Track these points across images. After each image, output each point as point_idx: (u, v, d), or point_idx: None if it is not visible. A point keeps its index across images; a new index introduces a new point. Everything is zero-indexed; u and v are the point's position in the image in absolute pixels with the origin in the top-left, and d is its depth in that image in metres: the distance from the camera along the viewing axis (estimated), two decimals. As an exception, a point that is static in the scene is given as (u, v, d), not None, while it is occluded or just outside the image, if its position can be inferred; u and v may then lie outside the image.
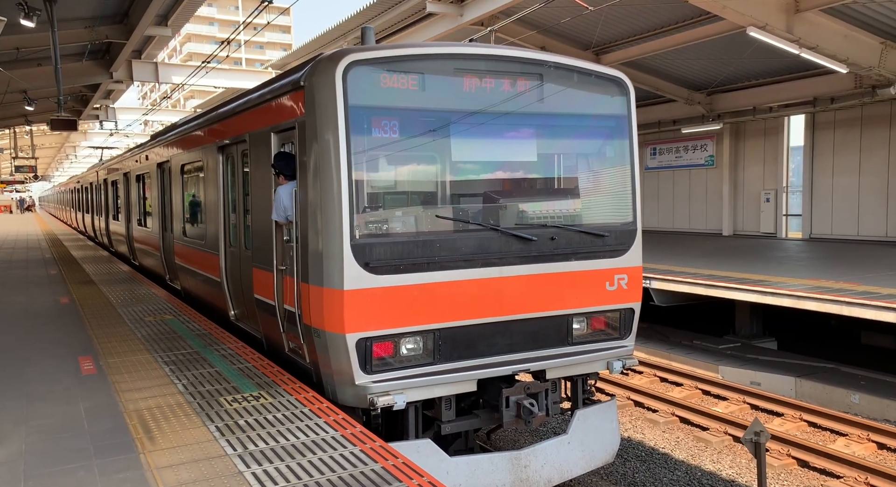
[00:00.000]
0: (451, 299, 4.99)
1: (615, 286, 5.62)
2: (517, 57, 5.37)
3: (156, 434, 4.21)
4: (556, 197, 5.79)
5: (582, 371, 5.61)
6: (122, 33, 12.62)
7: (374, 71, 4.83)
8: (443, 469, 4.96)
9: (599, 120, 5.79)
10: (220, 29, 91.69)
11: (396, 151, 5.07)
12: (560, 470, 5.42)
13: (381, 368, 4.87)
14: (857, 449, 7.42)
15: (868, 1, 10.70)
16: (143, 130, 37.39)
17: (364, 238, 4.76)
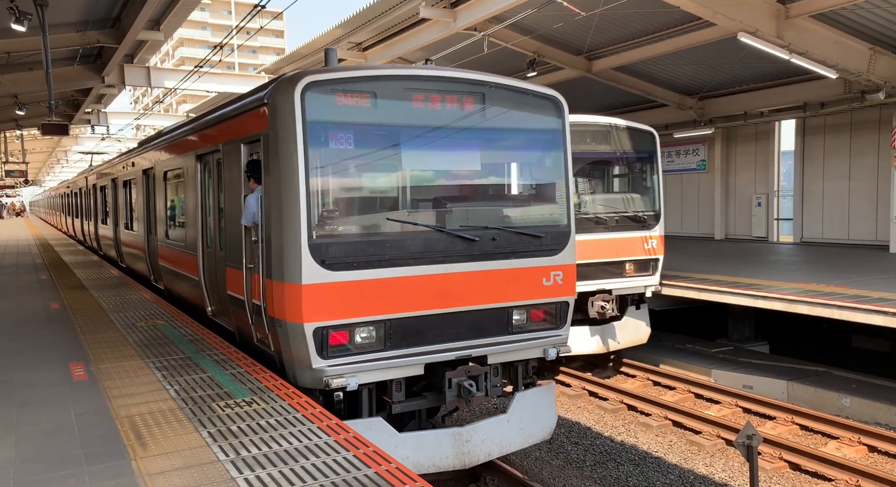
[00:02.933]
0: (400, 292, 5.60)
1: (551, 282, 6.32)
2: (460, 78, 6.02)
3: (147, 440, 4.18)
4: (498, 202, 6.48)
5: (521, 357, 6.27)
6: (114, 37, 12.58)
7: (330, 90, 5.44)
8: (392, 443, 5.56)
9: (537, 134, 6.49)
10: (213, 33, 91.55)
11: (351, 161, 5.67)
12: (499, 445, 6.12)
13: (337, 354, 5.44)
14: (848, 452, 7.46)
15: (857, 7, 10.82)
16: (135, 134, 37.23)
17: (320, 238, 5.36)
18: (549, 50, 15.15)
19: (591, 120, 10.12)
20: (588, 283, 9.64)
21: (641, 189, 10.65)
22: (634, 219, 10.22)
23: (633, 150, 10.43)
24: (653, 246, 10.30)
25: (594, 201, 10.21)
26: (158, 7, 10.88)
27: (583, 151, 9.94)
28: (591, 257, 9.67)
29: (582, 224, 9.15)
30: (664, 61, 15.07)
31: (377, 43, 15.60)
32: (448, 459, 5.84)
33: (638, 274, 10.17)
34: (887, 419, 8.29)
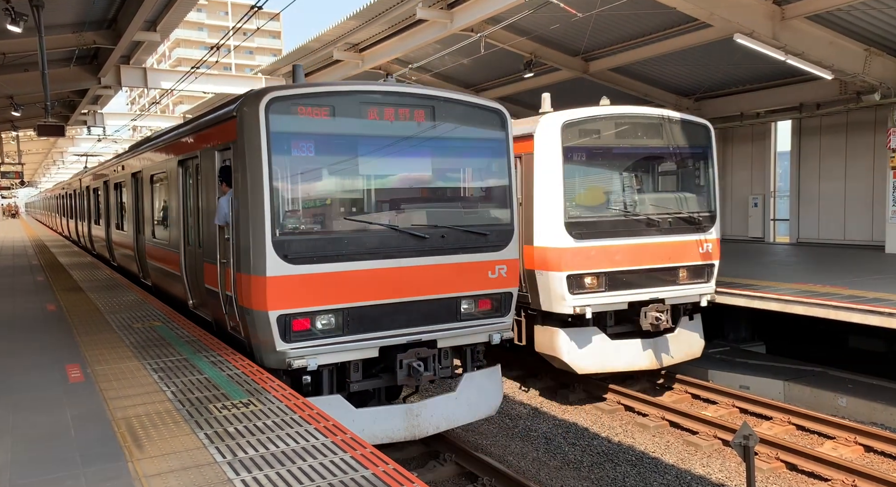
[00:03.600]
0: (357, 284, 6.23)
1: (496, 275, 7.02)
2: (411, 93, 6.74)
3: (144, 442, 4.17)
4: (447, 203, 7.13)
5: (468, 342, 7.02)
6: (110, 38, 12.55)
7: (292, 104, 6.10)
8: (350, 418, 6.19)
9: (483, 142, 7.16)
10: (210, 34, 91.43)
11: (311, 167, 6.32)
12: (447, 419, 6.91)
13: (299, 338, 6.07)
14: (844, 452, 7.48)
15: (852, 9, 10.86)
16: (132, 135, 37.15)
17: (283, 236, 5.99)
18: (545, 51, 15.17)
19: (641, 111, 9.41)
20: (639, 291, 8.99)
21: (695, 188, 9.79)
22: (689, 220, 9.41)
23: (686, 144, 9.59)
24: (708, 250, 9.49)
25: (645, 200, 9.41)
26: (155, 8, 10.85)
27: (633, 146, 9.31)
28: (643, 263, 8.99)
29: (632, 226, 8.95)
30: (661, 62, 15.11)
31: (374, 44, 15.60)
32: (400, 431, 6.62)
33: (692, 281, 9.37)
34: (883, 419, 8.31)
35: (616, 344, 9.02)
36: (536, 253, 8.78)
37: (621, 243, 8.82)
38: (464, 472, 7.01)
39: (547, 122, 8.82)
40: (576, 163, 8.87)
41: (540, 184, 8.69)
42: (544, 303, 8.82)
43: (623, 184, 9.35)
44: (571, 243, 8.60)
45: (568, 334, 8.87)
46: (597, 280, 8.69)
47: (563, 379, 10.09)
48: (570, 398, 9.63)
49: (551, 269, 8.61)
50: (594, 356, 8.95)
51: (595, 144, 9.05)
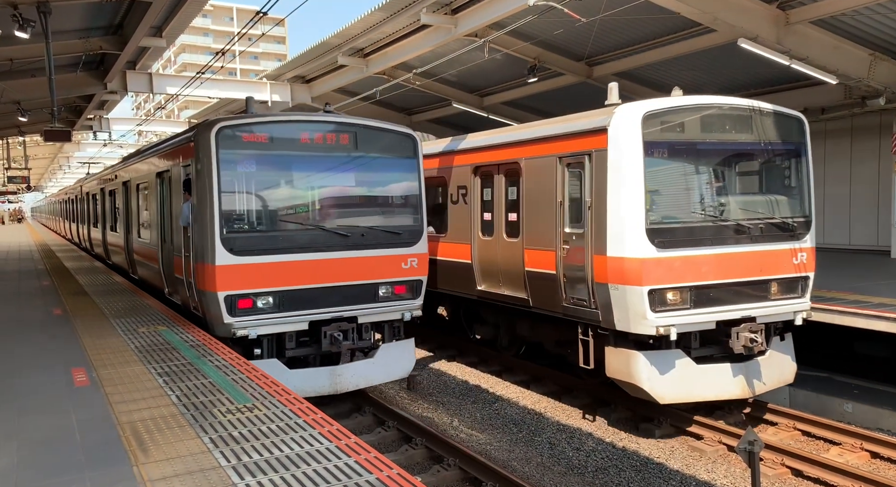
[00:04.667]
0: (291, 272, 7.97)
1: (408, 266, 8.81)
2: (336, 121, 8.63)
3: (149, 445, 4.18)
4: (367, 208, 8.84)
5: (385, 318, 8.76)
6: (117, 44, 12.63)
7: (237, 132, 7.88)
8: (285, 377, 7.83)
9: (396, 160, 8.97)
10: (215, 40, 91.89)
11: (253, 180, 7.99)
12: (366, 379, 8.61)
13: (242, 314, 7.78)
14: (850, 458, 7.44)
15: (857, 13, 10.85)
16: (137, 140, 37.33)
17: (229, 234, 7.79)
18: (549, 56, 15.19)
19: (730, 102, 8.25)
20: (729, 309, 7.85)
21: (788, 189, 8.63)
22: (782, 227, 8.28)
23: (779, 139, 8.48)
24: (803, 260, 8.32)
25: (734, 203, 8.19)
26: (161, 14, 10.92)
27: (721, 141, 8.13)
28: (732, 276, 7.84)
29: (720, 233, 7.85)
30: (665, 67, 15.10)
31: (378, 49, 15.65)
32: (325, 387, 8.26)
33: (785, 296, 8.24)
34: (890, 425, 8.26)
35: (702, 369, 7.93)
36: (610, 264, 7.70)
37: (709, 252, 7.74)
38: (468, 477, 7.00)
39: (625, 113, 7.72)
40: (658, 160, 7.73)
41: (615, 185, 7.63)
42: (620, 322, 7.73)
43: (710, 185, 8.20)
44: (654, 252, 7.49)
45: (648, 357, 7.75)
46: (680, 296, 7.62)
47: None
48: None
49: (629, 283, 7.52)
50: (678, 383, 7.82)
51: (679, 139, 7.89)
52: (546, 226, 8.84)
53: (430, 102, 20.66)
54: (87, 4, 10.14)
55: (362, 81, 17.27)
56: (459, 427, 8.85)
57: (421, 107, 21.54)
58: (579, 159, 8.29)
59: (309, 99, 19.48)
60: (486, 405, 9.68)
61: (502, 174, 9.96)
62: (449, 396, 10.20)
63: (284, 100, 19.05)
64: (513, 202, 9.73)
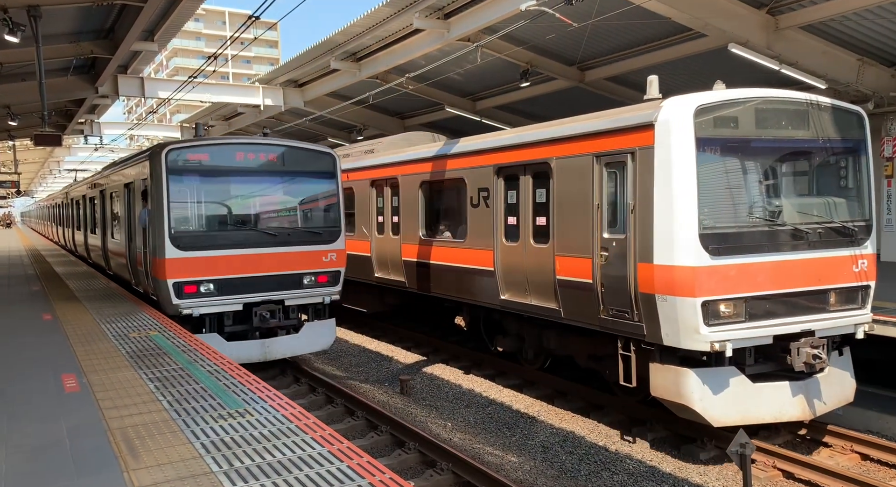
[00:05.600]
0: (228, 264, 9.90)
1: (328, 259, 10.72)
2: (267, 143, 10.64)
3: (140, 451, 4.16)
4: (292, 212, 10.74)
5: (309, 302, 10.64)
6: (108, 48, 12.59)
7: (183, 152, 9.92)
8: (224, 348, 9.62)
9: (318, 174, 10.92)
10: (208, 44, 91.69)
11: (196, 190, 9.92)
12: (291, 350, 10.57)
13: (188, 297, 9.67)
14: (841, 460, 7.48)
15: (845, 19, 10.96)
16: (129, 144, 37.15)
17: (177, 233, 9.68)
18: (542, 61, 15.26)
19: (786, 95, 7.61)
20: (787, 321, 7.20)
21: (846, 191, 7.97)
22: (842, 232, 7.63)
23: (838, 136, 7.82)
24: (863, 268, 7.68)
25: (791, 206, 7.54)
26: (152, 18, 10.90)
27: (777, 138, 7.46)
28: (789, 285, 7.20)
29: (777, 239, 7.23)
30: (656, 72, 15.14)
31: (371, 53, 15.67)
32: (256, 355, 10.15)
33: (844, 307, 7.60)
34: (879, 427, 8.31)
35: (758, 388, 7.24)
36: (658, 273, 7.05)
37: (765, 259, 7.11)
38: (461, 481, 6.99)
39: (675, 106, 7.06)
40: (711, 158, 7.08)
41: (664, 186, 6.99)
42: (668, 336, 7.08)
43: (766, 186, 7.55)
44: (707, 260, 6.83)
45: (700, 375, 7.06)
46: (735, 308, 6.98)
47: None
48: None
49: (680, 293, 6.87)
50: (733, 404, 7.13)
51: (733, 135, 7.24)
52: (580, 231, 8.15)
53: (423, 107, 20.70)
54: (77, 8, 10.11)
55: (355, 85, 17.28)
56: (453, 431, 8.84)
57: (414, 111, 21.58)
58: (620, 158, 7.57)
59: (301, 103, 19.47)
60: (480, 408, 9.67)
61: (529, 175, 9.22)
62: (442, 400, 10.18)
63: (277, 104, 19.04)
64: (541, 205, 9.01)
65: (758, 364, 7.41)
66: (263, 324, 10.09)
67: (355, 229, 14.10)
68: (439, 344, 13.08)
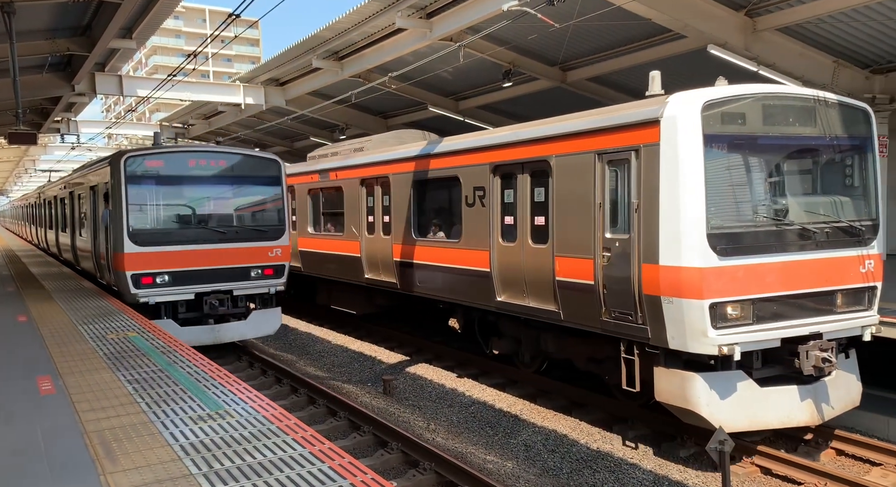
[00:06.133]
0: (181, 258, 11.19)
1: (273, 254, 12.07)
2: (216, 150, 12.38)
3: (118, 454, 4.10)
4: (240, 212, 12.10)
5: (256, 292, 11.99)
6: (85, 45, 12.37)
7: (141, 159, 11.33)
8: (178, 332, 10.71)
9: (263, 178, 12.27)
10: (188, 42, 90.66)
11: (153, 193, 11.27)
12: (240, 334, 11.96)
13: (145, 287, 10.95)
14: (817, 456, 7.60)
15: (820, 21, 11.14)
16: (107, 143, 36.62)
17: (135, 231, 11.01)
18: (524, 61, 15.30)
19: (794, 91, 7.57)
20: (795, 324, 7.05)
21: (853, 189, 7.80)
22: (849, 231, 7.47)
23: (844, 133, 7.66)
24: (870, 269, 7.54)
25: (798, 205, 7.40)
26: (130, 15, 10.73)
27: (784, 135, 7.33)
28: (796, 287, 7.06)
29: (785, 239, 7.10)
30: (637, 72, 15.31)
31: (353, 52, 15.61)
32: (207, 339, 11.41)
33: (851, 309, 7.46)
34: (853, 422, 8.45)
35: (766, 393, 7.07)
36: (663, 274, 6.86)
37: (773, 260, 6.96)
38: (443, 480, 6.99)
39: (682, 102, 6.88)
40: (719, 156, 6.91)
41: (670, 184, 6.78)
42: (675, 339, 6.88)
43: (774, 184, 7.42)
44: (715, 261, 6.67)
45: (707, 380, 6.89)
46: (742, 310, 6.83)
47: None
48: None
49: (686, 295, 6.69)
50: (741, 409, 6.95)
51: (740, 132, 7.09)
52: (581, 231, 7.93)
53: (406, 106, 20.66)
54: (53, 5, 9.93)
55: (337, 84, 17.19)
56: (436, 431, 8.84)
57: (397, 110, 21.53)
58: (623, 156, 7.35)
59: (283, 102, 19.33)
60: (463, 408, 9.68)
61: (527, 173, 8.95)
62: (425, 400, 10.18)
63: (258, 103, 18.88)
64: (540, 204, 8.75)
65: (765, 368, 7.26)
66: (213, 311, 11.43)
67: (344, 228, 13.80)
68: (423, 344, 13.07)
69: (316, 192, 15.15)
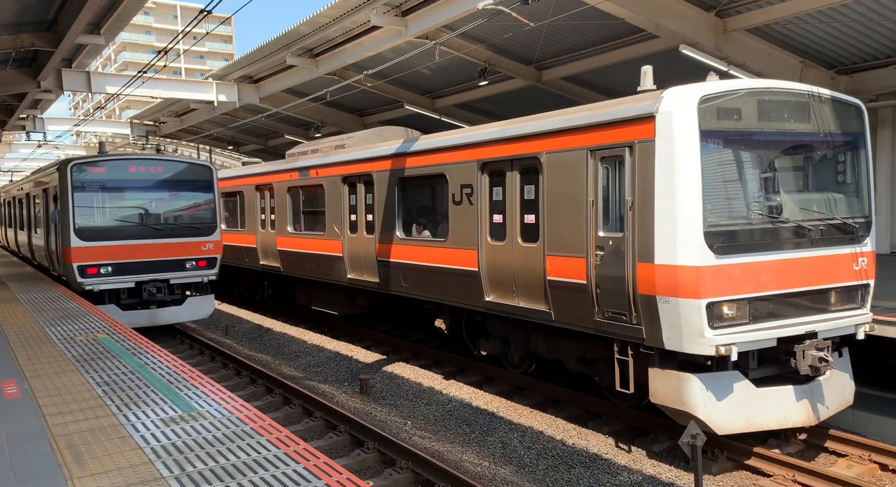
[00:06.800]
0: (123, 251, 12.86)
1: (206, 248, 13.79)
2: (152, 157, 14.04)
3: (86, 458, 4.01)
4: (176, 212, 13.78)
5: (190, 281, 13.68)
6: (51, 41, 12.06)
7: (85, 166, 12.90)
8: (119, 316, 12.37)
9: (198, 183, 14.05)
10: (158, 38, 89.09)
11: (97, 196, 12.96)
12: (175, 317, 13.66)
13: (90, 277, 12.57)
14: (786, 449, 7.76)
15: (788, 23, 11.37)
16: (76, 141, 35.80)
17: (80, 228, 12.62)
18: (500, 60, 15.34)
19: (788, 86, 7.38)
20: (790, 323, 6.98)
21: (846, 186, 7.72)
22: (843, 228, 7.41)
23: (838, 129, 7.59)
24: (863, 266, 7.50)
25: (793, 203, 7.30)
26: (98, 10, 10.49)
27: (779, 131, 7.22)
28: (791, 285, 6.99)
29: (781, 237, 7.02)
30: (611, 71, 15.47)
31: (328, 50, 15.48)
32: (146, 321, 13.08)
33: (845, 307, 7.41)
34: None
35: (763, 394, 6.98)
36: (659, 273, 6.72)
37: (769, 258, 6.88)
38: (420, 479, 6.98)
39: (678, 97, 6.74)
40: (715, 152, 6.79)
41: (666, 180, 6.64)
42: (670, 340, 6.77)
43: (769, 181, 7.29)
44: (712, 259, 6.54)
45: (704, 381, 6.77)
46: (738, 309, 6.74)
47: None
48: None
49: (683, 295, 6.56)
50: (738, 411, 6.84)
51: (736, 128, 6.97)
52: (573, 229, 7.77)
53: (382, 104, 20.57)
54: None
55: (312, 81, 17.05)
56: (413, 430, 8.82)
57: (373, 108, 21.42)
58: (617, 152, 7.20)
59: (257, 99, 19.10)
60: (440, 406, 9.68)
61: (517, 171, 8.73)
62: (402, 398, 10.15)
63: (231, 100, 18.63)
64: (530, 202, 8.56)
65: (761, 368, 7.19)
66: (152, 298, 13.17)
67: (326, 228, 13.56)
68: (400, 343, 13.04)
69: (296, 190, 14.85)
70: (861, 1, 10.30)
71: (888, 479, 7.11)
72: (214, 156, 32.72)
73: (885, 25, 11.13)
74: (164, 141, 29.88)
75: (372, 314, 14.82)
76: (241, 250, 17.43)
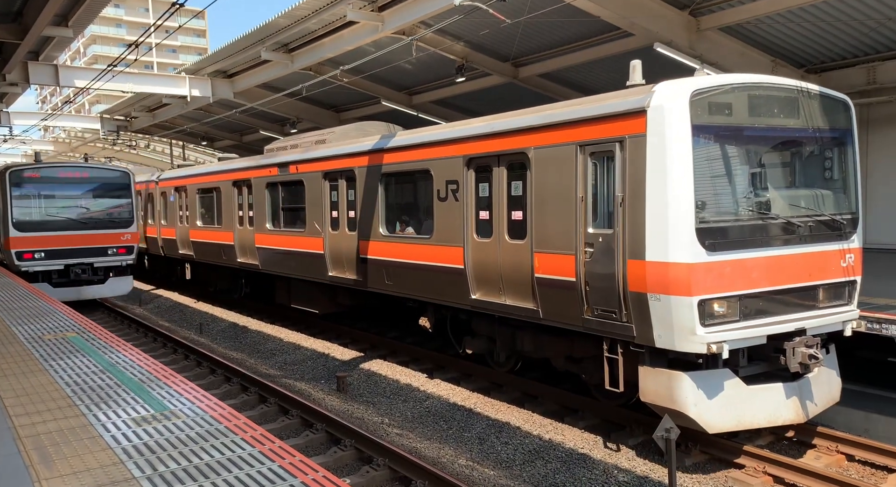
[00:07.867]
0: (53, 240, 16.66)
1: (125, 238, 17.65)
2: (81, 165, 18.05)
3: (54, 459, 3.92)
4: (99, 210, 17.46)
5: (111, 264, 17.43)
6: (16, 33, 11.75)
7: (22, 172, 16.91)
8: (51, 293, 15.87)
9: (118, 185, 17.91)
10: (129, 31, 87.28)
11: (32, 197, 16.78)
12: (99, 293, 17.42)
13: (26, 261, 16.33)
14: (758, 441, 7.92)
15: (759, 22, 11.57)
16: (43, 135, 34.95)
17: (17, 221, 16.42)
18: (477, 56, 15.34)
19: (778, 81, 7.33)
20: (780, 320, 6.95)
21: (833, 182, 7.70)
22: (831, 225, 7.41)
23: (826, 125, 7.57)
24: (850, 263, 7.53)
25: (783, 199, 7.26)
26: (66, 1, 10.25)
27: (770, 127, 7.19)
28: (781, 282, 6.98)
29: (771, 233, 7.00)
30: (587, 69, 15.58)
31: (304, 44, 15.33)
32: (73, 297, 16.53)
33: (832, 304, 7.42)
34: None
35: (753, 391, 6.96)
36: (650, 270, 6.64)
37: (760, 254, 6.85)
38: (397, 476, 6.97)
39: (669, 91, 6.66)
40: (707, 147, 6.71)
41: (657, 176, 6.55)
42: (661, 338, 6.70)
43: (760, 177, 7.21)
44: (704, 256, 6.48)
45: (694, 379, 6.71)
46: (729, 307, 6.69)
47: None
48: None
49: (674, 292, 6.49)
50: (728, 409, 6.79)
51: (727, 123, 6.91)
52: (562, 226, 7.65)
53: (359, 100, 20.44)
54: (-20, -12, 9.39)
55: (288, 76, 16.86)
56: (390, 427, 8.81)
57: (349, 104, 21.28)
58: (607, 148, 7.10)
59: (231, 94, 18.84)
60: (417, 402, 9.67)
61: (503, 166, 8.56)
62: (380, 396, 10.12)
63: (205, 95, 18.35)
64: (517, 198, 8.40)
65: (750, 366, 7.20)
66: (78, 278, 16.65)
67: (306, 224, 13.27)
68: (378, 340, 12.99)
69: (275, 186, 14.59)
70: (829, 1, 10.51)
71: (854, 469, 7.29)
72: (188, 152, 32.20)
73: (851, 26, 11.38)
74: (135, 136, 29.33)
75: (352, 312, 14.70)
76: (218, 248, 17.12)
